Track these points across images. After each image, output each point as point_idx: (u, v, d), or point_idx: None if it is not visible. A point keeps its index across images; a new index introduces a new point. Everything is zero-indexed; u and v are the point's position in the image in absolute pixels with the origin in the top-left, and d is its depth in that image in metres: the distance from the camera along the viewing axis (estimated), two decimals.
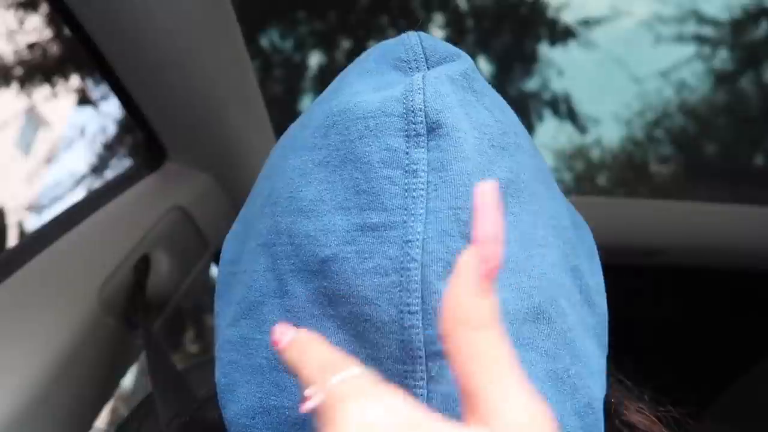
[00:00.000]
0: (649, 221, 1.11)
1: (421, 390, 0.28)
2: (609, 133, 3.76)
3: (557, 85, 3.43)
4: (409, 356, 0.28)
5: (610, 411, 0.37)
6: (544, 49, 3.20)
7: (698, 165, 3.32)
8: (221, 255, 0.40)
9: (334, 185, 0.31)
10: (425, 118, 0.30)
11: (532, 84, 3.44)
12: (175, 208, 0.76)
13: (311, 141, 0.33)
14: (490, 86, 0.36)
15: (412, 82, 0.31)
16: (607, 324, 0.37)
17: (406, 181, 0.30)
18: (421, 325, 0.28)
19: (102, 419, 0.71)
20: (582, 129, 3.59)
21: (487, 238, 0.23)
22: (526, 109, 3.21)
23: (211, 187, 0.81)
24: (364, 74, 0.35)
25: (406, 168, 0.30)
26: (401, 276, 0.29)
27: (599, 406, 0.33)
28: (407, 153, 0.30)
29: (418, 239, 0.29)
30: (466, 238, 0.29)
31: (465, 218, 0.29)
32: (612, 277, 0.39)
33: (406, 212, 0.29)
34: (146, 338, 0.60)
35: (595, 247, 0.40)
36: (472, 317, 0.21)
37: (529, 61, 3.27)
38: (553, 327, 0.31)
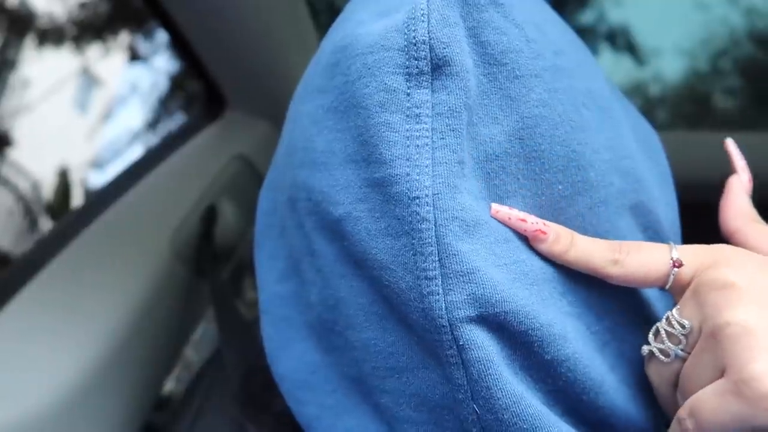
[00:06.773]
0: (724, 155, 1.05)
1: (455, 359, 0.25)
2: (670, 65, 3.59)
3: (614, 16, 3.27)
4: (433, 325, 0.25)
5: None
6: None
7: None
8: (258, 206, 0.38)
9: (343, 134, 0.27)
10: (429, 52, 0.25)
11: (586, 17, 3.29)
12: (237, 157, 0.76)
13: (320, 83, 0.30)
14: None
15: (415, 6, 0.25)
16: None
17: (407, 127, 0.25)
18: (441, 291, 0.24)
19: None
20: (641, 61, 3.44)
21: None
22: None
23: (271, 134, 0.80)
24: None
25: (407, 112, 0.25)
26: (412, 238, 0.24)
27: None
28: (408, 94, 0.25)
29: (426, 194, 0.24)
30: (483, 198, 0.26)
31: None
32: (689, 216, 0.36)
33: (408, 163, 0.25)
34: (214, 287, 0.61)
35: (668, 172, 0.36)
36: None
37: None
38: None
